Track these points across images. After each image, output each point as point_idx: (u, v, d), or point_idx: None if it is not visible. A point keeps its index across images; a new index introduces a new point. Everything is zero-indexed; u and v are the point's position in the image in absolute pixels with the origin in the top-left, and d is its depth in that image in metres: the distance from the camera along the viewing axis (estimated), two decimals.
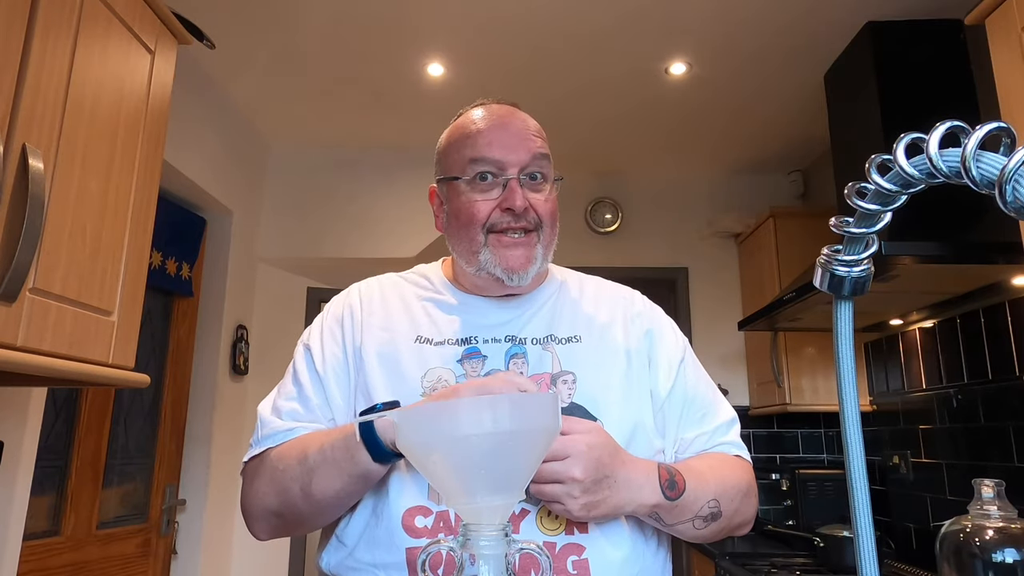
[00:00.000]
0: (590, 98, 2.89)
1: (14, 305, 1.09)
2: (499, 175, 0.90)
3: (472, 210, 0.90)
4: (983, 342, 2.20)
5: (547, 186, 0.92)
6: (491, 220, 0.89)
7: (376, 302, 0.97)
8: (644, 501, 0.81)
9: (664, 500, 0.81)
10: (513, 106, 0.97)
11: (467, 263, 0.93)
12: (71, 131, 1.24)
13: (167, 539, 2.61)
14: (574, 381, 0.88)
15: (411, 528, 0.81)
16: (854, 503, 0.49)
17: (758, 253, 3.28)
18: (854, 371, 0.51)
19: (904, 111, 2.16)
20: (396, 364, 0.90)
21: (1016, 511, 1.11)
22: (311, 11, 2.32)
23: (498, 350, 0.90)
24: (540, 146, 0.92)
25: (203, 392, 2.82)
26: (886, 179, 0.44)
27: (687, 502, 0.83)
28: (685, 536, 0.87)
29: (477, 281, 0.94)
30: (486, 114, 0.94)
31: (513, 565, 0.56)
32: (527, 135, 0.92)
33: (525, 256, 0.90)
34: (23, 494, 1.69)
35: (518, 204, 0.88)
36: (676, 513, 0.83)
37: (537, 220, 0.90)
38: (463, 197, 0.91)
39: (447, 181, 0.94)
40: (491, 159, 0.89)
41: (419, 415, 0.62)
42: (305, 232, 3.29)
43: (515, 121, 0.93)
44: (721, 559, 2.66)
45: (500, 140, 0.90)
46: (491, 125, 0.92)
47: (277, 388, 0.97)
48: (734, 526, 0.91)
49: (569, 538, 0.81)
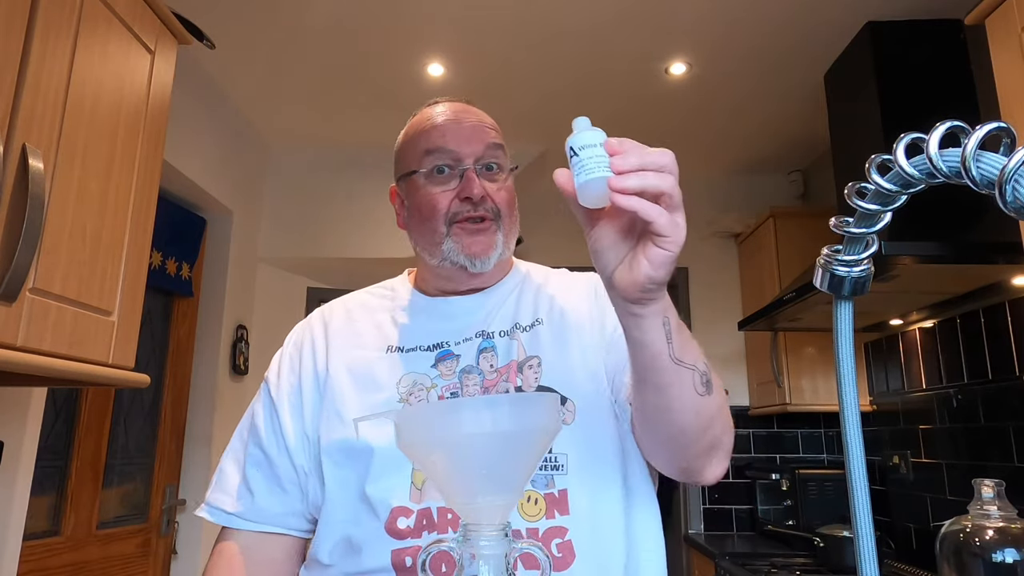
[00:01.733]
0: (590, 98, 2.89)
1: (14, 305, 1.09)
2: (455, 166, 0.91)
3: (432, 202, 0.91)
4: (983, 342, 2.20)
5: (503, 175, 0.94)
6: (451, 210, 0.91)
7: (340, 321, 0.98)
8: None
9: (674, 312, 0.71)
10: (467, 103, 0.99)
11: (430, 255, 0.94)
12: (71, 131, 1.24)
13: (167, 539, 2.61)
14: (539, 364, 0.88)
15: (395, 531, 0.81)
16: (854, 503, 0.49)
17: (758, 253, 3.28)
18: (854, 371, 0.51)
19: (904, 111, 2.16)
20: (369, 375, 0.90)
21: (1016, 511, 1.11)
22: (311, 11, 2.32)
23: (469, 347, 0.91)
24: (494, 137, 0.94)
25: (203, 392, 2.82)
26: (886, 179, 0.44)
27: (688, 338, 0.73)
28: (684, 402, 0.73)
29: (441, 273, 0.95)
30: (440, 110, 0.96)
31: (513, 565, 0.56)
32: (481, 127, 0.94)
33: (487, 242, 0.91)
34: (23, 494, 1.69)
35: (475, 192, 0.89)
36: (683, 342, 0.71)
37: (495, 209, 0.91)
38: (422, 191, 0.92)
39: (406, 177, 0.95)
40: (447, 150, 0.91)
41: (419, 415, 0.62)
42: (305, 232, 3.29)
43: (468, 115, 0.95)
44: (721, 559, 2.66)
45: (454, 132, 0.92)
46: (445, 120, 0.94)
47: (239, 433, 0.97)
48: (720, 427, 0.79)
49: (551, 522, 0.80)
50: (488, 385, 0.88)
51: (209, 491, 0.94)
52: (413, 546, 0.80)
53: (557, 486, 0.82)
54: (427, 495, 0.81)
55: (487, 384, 0.88)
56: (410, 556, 0.79)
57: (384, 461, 0.83)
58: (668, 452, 0.82)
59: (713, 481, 0.83)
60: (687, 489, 3.35)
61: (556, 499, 0.82)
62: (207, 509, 0.93)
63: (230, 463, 0.95)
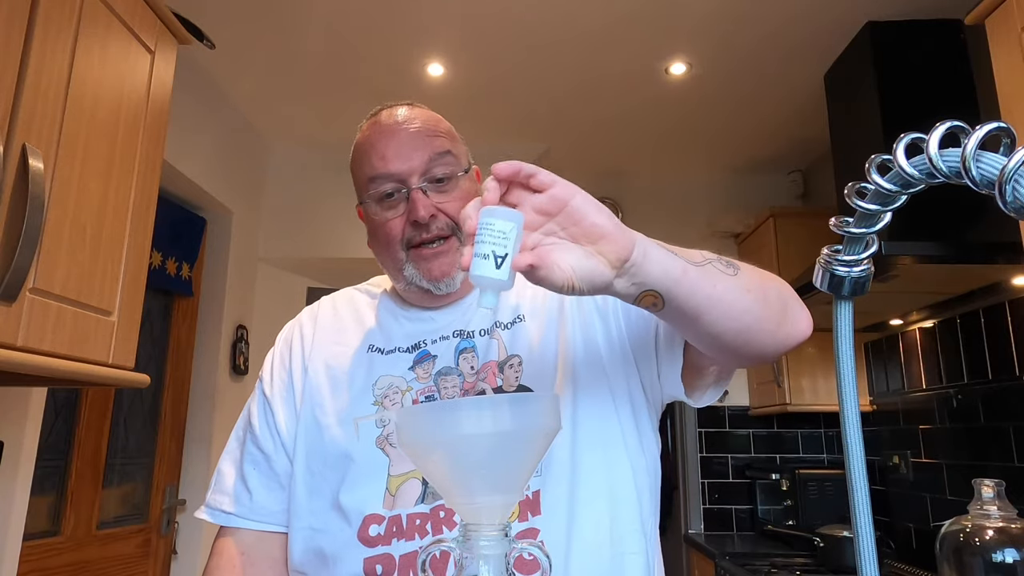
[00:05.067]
0: (589, 97, 2.89)
1: (14, 305, 1.09)
2: (400, 188, 0.87)
3: (386, 230, 0.88)
4: (983, 342, 2.20)
5: (455, 184, 0.89)
6: (406, 236, 0.87)
7: (327, 318, 0.98)
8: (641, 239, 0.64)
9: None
10: (408, 105, 0.93)
11: (395, 280, 0.92)
12: (71, 131, 1.24)
13: (167, 539, 2.61)
14: (520, 364, 0.86)
15: (366, 538, 0.81)
16: (854, 503, 0.49)
17: (758, 253, 3.27)
18: (854, 371, 0.51)
19: (904, 111, 2.16)
20: (345, 375, 0.90)
21: (1016, 511, 1.11)
22: (311, 11, 2.32)
23: (447, 347, 0.89)
24: (438, 145, 0.88)
25: (203, 392, 2.82)
26: (886, 179, 0.44)
27: (679, 249, 0.69)
28: (731, 302, 0.67)
29: (413, 295, 0.93)
30: (375, 126, 0.91)
31: (513, 565, 0.56)
32: (420, 137, 0.88)
33: (448, 263, 0.87)
34: (23, 494, 1.69)
35: (421, 215, 0.84)
36: (683, 252, 0.68)
37: (451, 224, 0.87)
38: (375, 218, 0.89)
39: (360, 203, 0.93)
40: (386, 174, 0.87)
41: (420, 415, 0.62)
42: (305, 232, 3.29)
43: (404, 127, 0.89)
44: (721, 559, 2.66)
45: (392, 151, 0.87)
46: (380, 137, 0.89)
47: (235, 434, 0.97)
48: (772, 286, 0.74)
49: (523, 524, 0.79)
50: (467, 388, 0.86)
51: (208, 493, 0.94)
52: (384, 553, 0.79)
53: (531, 487, 0.81)
54: (399, 502, 0.81)
55: (467, 387, 0.86)
56: (380, 564, 0.79)
57: (361, 469, 0.83)
58: (762, 337, 0.74)
59: (809, 329, 0.77)
60: (687, 489, 3.36)
61: (529, 501, 0.80)
62: (207, 511, 0.93)
63: (228, 464, 0.95)
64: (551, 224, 0.60)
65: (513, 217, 0.57)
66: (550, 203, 0.60)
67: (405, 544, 0.79)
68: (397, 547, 0.79)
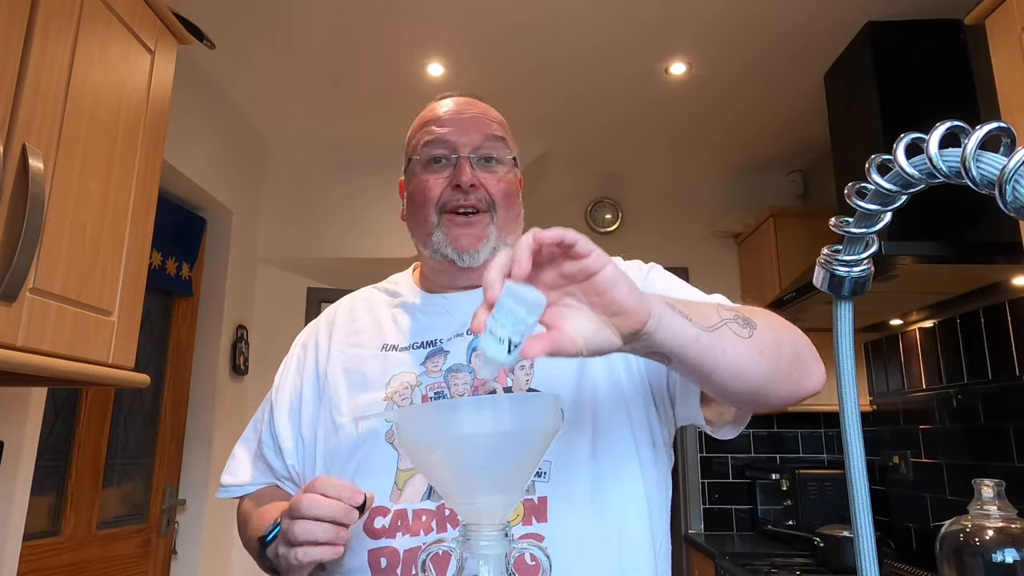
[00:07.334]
0: (589, 97, 2.89)
1: (14, 305, 1.09)
2: (451, 156, 0.92)
3: (424, 188, 0.92)
4: (983, 342, 2.20)
5: (501, 168, 0.93)
6: (443, 199, 0.90)
7: (345, 318, 0.99)
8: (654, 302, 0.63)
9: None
10: (475, 97, 1.00)
11: (423, 245, 0.94)
12: (71, 131, 1.24)
13: (167, 539, 2.61)
14: (531, 366, 0.86)
15: (371, 530, 0.81)
16: (854, 503, 0.49)
17: (758, 253, 3.28)
18: (854, 371, 0.51)
19: (904, 111, 2.16)
20: (361, 375, 0.91)
21: (1016, 511, 1.11)
22: (311, 11, 2.32)
23: (460, 344, 0.89)
24: (495, 130, 0.94)
25: (203, 392, 2.82)
26: (886, 179, 0.44)
27: (697, 305, 0.69)
28: (740, 357, 0.67)
29: (435, 267, 0.95)
30: (445, 103, 0.97)
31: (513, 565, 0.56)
32: (483, 119, 0.94)
33: (475, 235, 0.90)
34: (23, 494, 1.69)
35: (464, 180, 0.88)
36: (697, 312, 0.67)
37: (488, 199, 0.91)
38: (417, 178, 0.93)
39: (407, 167, 0.97)
40: (443, 140, 0.92)
41: (420, 415, 0.62)
42: (305, 232, 3.29)
43: (472, 108, 0.96)
44: (721, 559, 2.66)
45: (454, 123, 0.93)
46: (448, 111, 0.95)
47: (253, 423, 1.01)
48: (786, 341, 0.73)
49: (527, 528, 0.79)
50: (477, 385, 0.87)
51: (223, 475, 0.98)
52: (388, 546, 0.79)
53: (537, 493, 0.80)
54: (405, 496, 0.81)
55: (477, 384, 0.87)
56: (384, 557, 0.79)
57: (371, 463, 0.84)
58: (770, 394, 0.74)
59: (821, 383, 0.77)
60: (687, 489, 3.36)
61: (535, 506, 0.80)
62: (221, 491, 0.97)
63: (242, 449, 1.00)
64: (573, 287, 0.60)
65: (537, 309, 0.55)
66: (580, 272, 0.59)
67: (409, 539, 0.79)
68: (401, 541, 0.79)
